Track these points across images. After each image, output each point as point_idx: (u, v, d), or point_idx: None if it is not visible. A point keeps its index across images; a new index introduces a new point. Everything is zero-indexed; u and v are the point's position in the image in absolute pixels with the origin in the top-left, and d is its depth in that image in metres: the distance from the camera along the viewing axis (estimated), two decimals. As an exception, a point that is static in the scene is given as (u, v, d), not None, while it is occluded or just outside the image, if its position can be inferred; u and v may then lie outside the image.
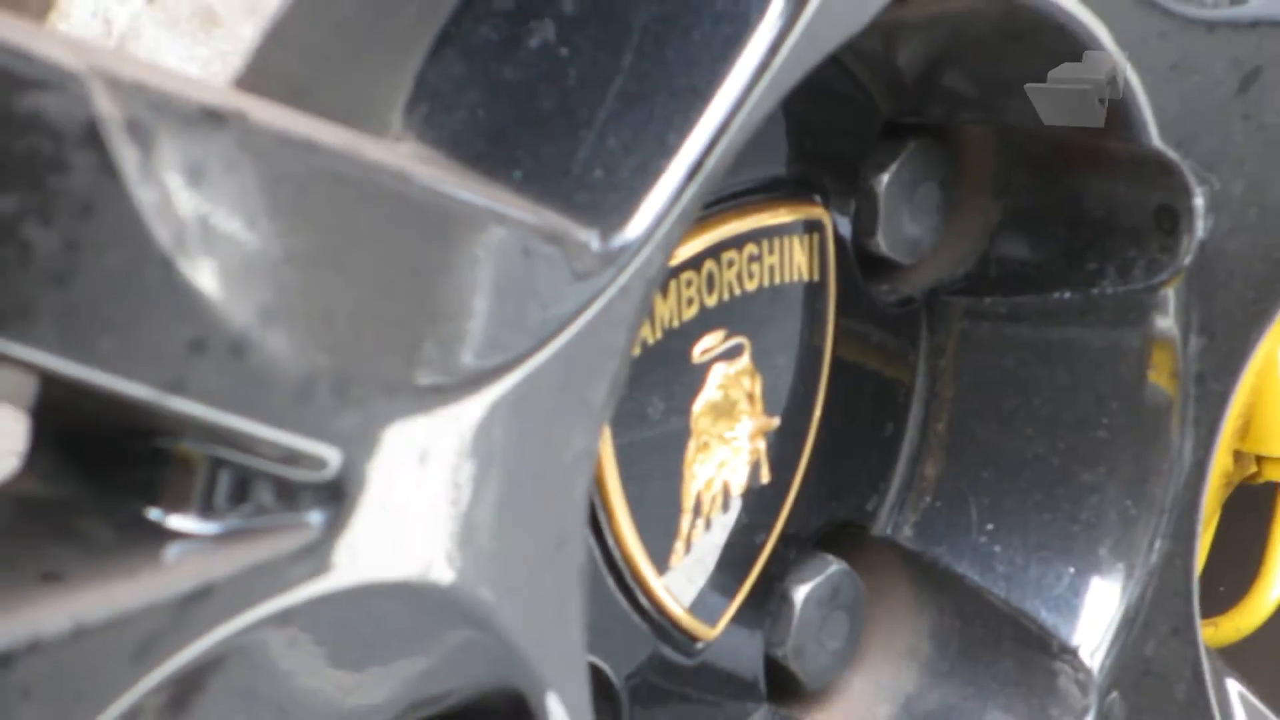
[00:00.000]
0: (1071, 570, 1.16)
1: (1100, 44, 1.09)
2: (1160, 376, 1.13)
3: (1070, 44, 1.09)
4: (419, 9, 1.04)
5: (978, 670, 1.18)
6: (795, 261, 1.14)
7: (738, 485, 1.14)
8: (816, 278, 1.15)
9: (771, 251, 1.13)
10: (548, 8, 1.03)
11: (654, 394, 1.11)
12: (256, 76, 1.05)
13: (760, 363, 1.14)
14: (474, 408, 0.97)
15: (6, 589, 0.91)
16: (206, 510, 0.93)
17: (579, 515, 1.02)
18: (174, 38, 1.04)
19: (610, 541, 1.11)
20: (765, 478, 1.15)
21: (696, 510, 1.13)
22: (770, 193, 1.13)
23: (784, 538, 1.17)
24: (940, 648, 1.18)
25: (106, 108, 0.87)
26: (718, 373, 1.12)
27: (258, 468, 0.93)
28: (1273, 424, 1.21)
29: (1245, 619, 1.24)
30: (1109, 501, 1.16)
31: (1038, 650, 1.17)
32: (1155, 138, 1.11)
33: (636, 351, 1.02)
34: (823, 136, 1.14)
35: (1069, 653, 1.16)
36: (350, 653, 0.97)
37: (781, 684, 1.18)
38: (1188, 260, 1.12)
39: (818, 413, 1.16)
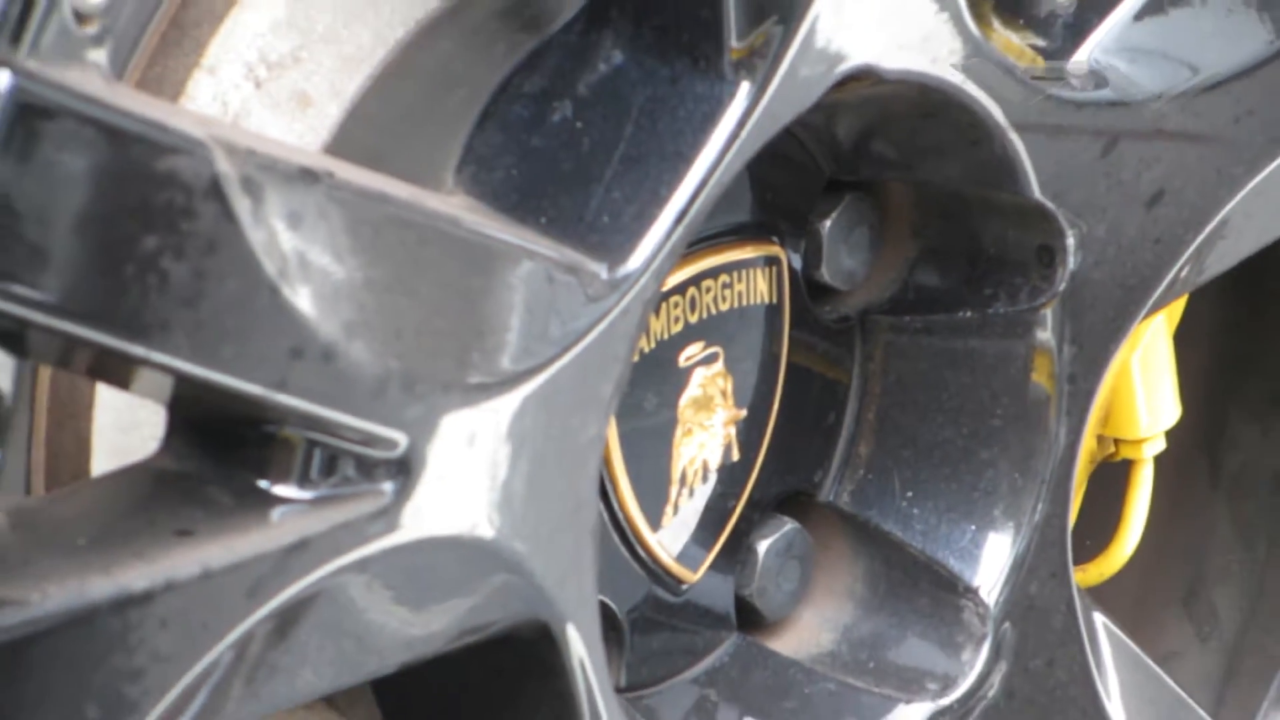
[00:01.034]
0: (973, 527, 1.15)
1: (994, 119, 1.09)
2: (1041, 377, 1.13)
3: (971, 119, 1.09)
4: (467, 93, 1.03)
5: (900, 605, 1.17)
6: (758, 288, 1.13)
7: (714, 462, 1.14)
8: (775, 301, 1.14)
9: (740, 280, 1.12)
10: (566, 90, 1.02)
11: (649, 391, 1.11)
12: (340, 145, 1.05)
13: (731, 367, 1.13)
14: (510, 401, 0.96)
15: (148, 542, 0.91)
16: (303, 481, 0.93)
17: (591, 486, 1.01)
18: (276, 116, 1.03)
19: (615, 506, 1.10)
20: (735, 456, 1.14)
21: (682, 481, 1.12)
22: (738, 235, 1.13)
23: (750, 503, 1.16)
24: (871, 588, 1.17)
25: (226, 168, 0.87)
26: (698, 375, 1.12)
27: (343, 448, 0.93)
28: (1127, 414, 1.21)
29: (1106, 566, 1.23)
30: (1001, 474, 1.15)
31: (947, 590, 1.16)
32: (1036, 191, 1.10)
33: (635, 358, 1.02)
34: (779, 191, 1.13)
35: (971, 592, 1.15)
36: (413, 592, 0.96)
37: (748, 616, 1.17)
38: (1062, 287, 1.11)
39: (776, 405, 1.16)
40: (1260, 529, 1.38)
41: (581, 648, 1.01)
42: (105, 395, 1.03)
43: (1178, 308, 1.20)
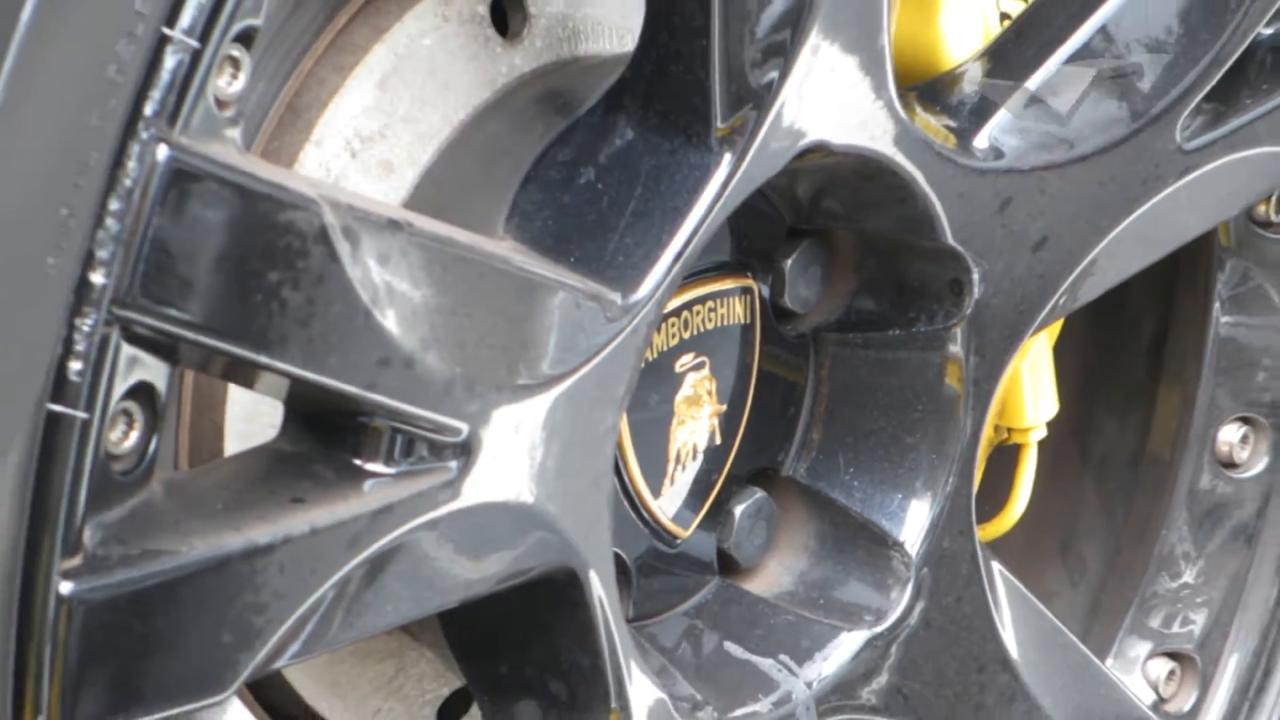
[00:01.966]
0: (900, 495, 1.15)
1: (918, 183, 1.08)
2: (952, 380, 1.12)
3: (900, 182, 1.08)
4: (513, 162, 1.03)
5: (844, 556, 1.16)
6: (736, 311, 1.13)
7: (701, 445, 1.13)
8: (748, 321, 1.14)
9: (722, 305, 1.12)
10: (589, 160, 1.02)
11: (652, 391, 1.10)
12: (416, 201, 1.05)
13: (715, 372, 1.13)
14: (547, 398, 0.96)
15: (269, 507, 0.90)
16: (388, 459, 0.93)
17: (608, 463, 1.01)
18: (367, 179, 1.03)
19: (625, 478, 1.10)
20: (718, 440, 1.14)
21: (677, 460, 1.12)
22: (721, 270, 1.12)
23: (729, 477, 1.16)
24: (821, 542, 1.17)
25: (331, 219, 0.86)
26: (690, 378, 1.11)
27: (418, 434, 0.92)
28: (1017, 409, 1.20)
29: (1001, 525, 1.23)
30: (922, 455, 1.15)
31: (879, 544, 1.16)
32: (949, 238, 1.10)
33: (642, 365, 1.01)
34: (752, 237, 1.13)
35: (898, 545, 1.14)
36: (471, 546, 0.96)
37: (726, 564, 1.17)
38: (969, 311, 1.11)
39: (749, 402, 1.15)
40: (1118, 499, 1.37)
41: (600, 588, 1.01)
42: (235, 393, 1.03)
43: (1057, 326, 1.20)
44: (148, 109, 0.79)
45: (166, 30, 0.79)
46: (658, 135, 1.01)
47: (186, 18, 0.80)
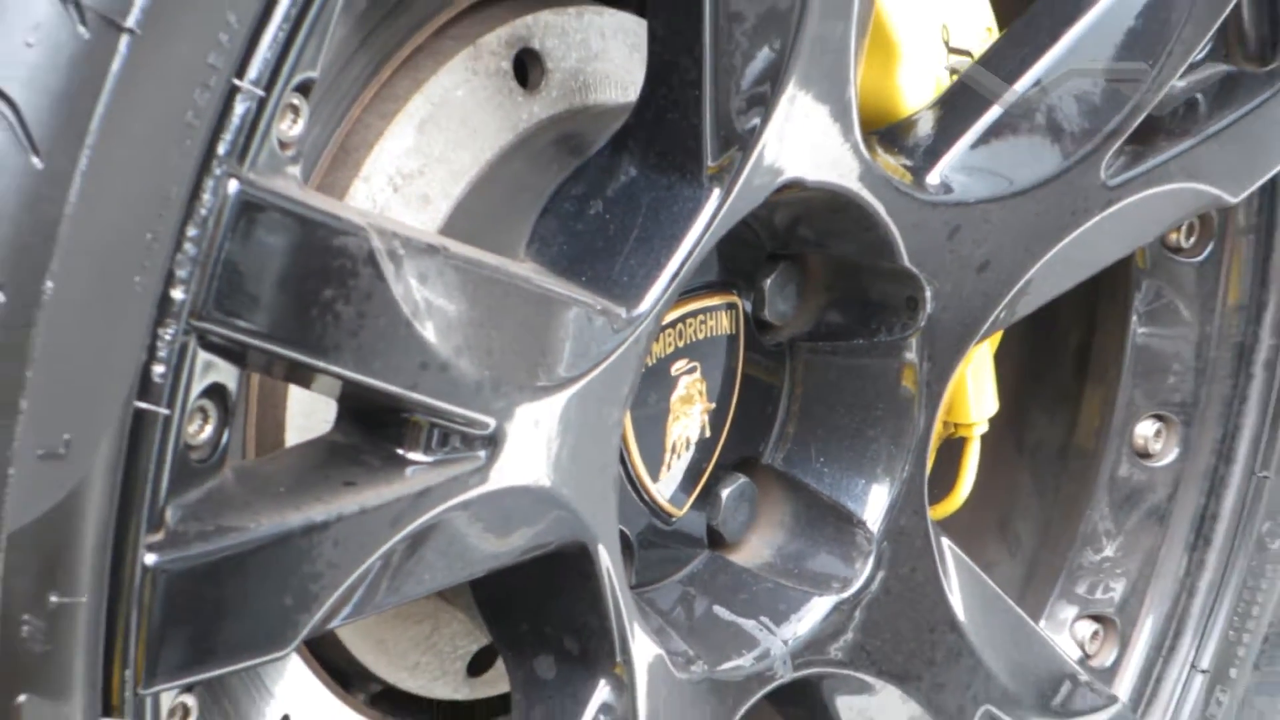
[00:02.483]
0: (863, 480, 1.14)
1: (880, 214, 1.08)
2: (908, 382, 1.12)
3: (864, 214, 1.08)
4: (533, 195, 1.03)
5: (815, 532, 1.16)
6: (723, 324, 1.13)
7: (693, 438, 1.13)
8: (734, 332, 1.13)
9: (711, 318, 1.12)
10: (598, 194, 1.02)
11: (652, 391, 1.10)
12: (450, 229, 1.05)
13: (705, 375, 1.13)
14: (562, 397, 0.96)
15: (325, 490, 0.90)
16: (426, 449, 0.92)
17: (614, 453, 1.00)
18: (408, 210, 1.03)
19: (629, 466, 1.10)
20: (707, 434, 1.14)
21: (673, 450, 1.12)
22: (710, 289, 1.12)
23: (717, 465, 1.15)
24: (796, 521, 1.17)
25: (378, 244, 0.86)
26: (684, 380, 1.11)
27: (453, 427, 0.92)
28: (963, 407, 1.20)
29: (949, 506, 1.23)
30: (882, 447, 1.15)
31: (846, 522, 1.15)
32: (906, 261, 1.10)
33: (643, 369, 1.01)
34: (737, 260, 1.12)
35: (862, 523, 1.14)
36: (497, 523, 0.95)
37: (715, 539, 1.16)
38: (922, 324, 1.11)
39: (734, 401, 1.15)
40: (1048, 484, 1.37)
41: (607, 559, 1.01)
42: (295, 392, 1.03)
43: (997, 336, 1.20)
44: (220, 149, 0.79)
45: (236, 81, 0.79)
46: (657, 173, 1.01)
47: (254, 70, 0.80)
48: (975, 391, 1.21)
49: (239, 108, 0.79)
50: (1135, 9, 1.17)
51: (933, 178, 1.11)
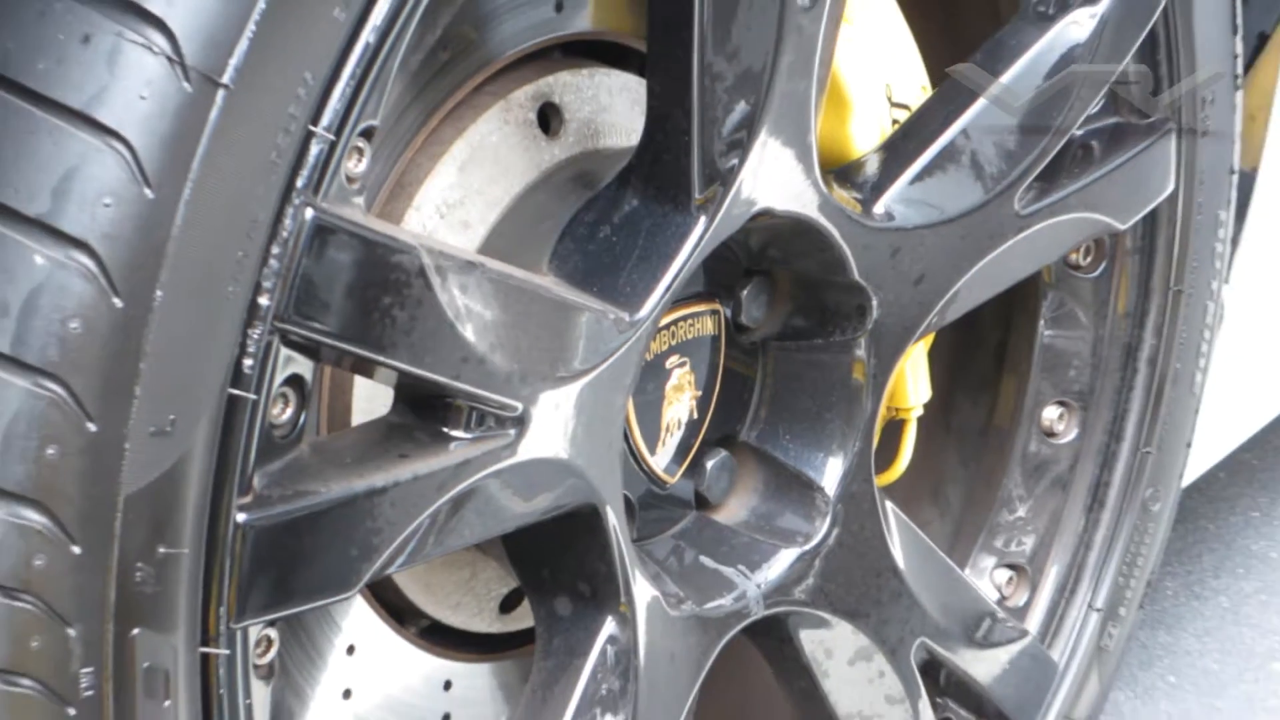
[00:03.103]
0: (822, 454, 1.14)
1: (835, 238, 1.08)
2: (858, 374, 1.12)
3: (823, 237, 1.08)
4: (554, 221, 1.03)
5: (782, 496, 1.16)
6: (708, 326, 1.12)
7: (684, 419, 1.13)
8: (717, 333, 1.13)
9: (698, 322, 1.12)
10: (607, 220, 1.01)
11: (649, 381, 1.09)
12: (486, 249, 1.04)
13: (694, 369, 1.12)
14: (577, 386, 0.95)
15: (383, 460, 0.89)
16: (466, 428, 0.92)
17: (619, 431, 1.00)
18: (451, 233, 1.03)
19: (630, 442, 1.09)
20: (695, 416, 1.13)
21: (667, 430, 1.12)
22: (697, 298, 1.11)
23: (703, 441, 1.15)
24: (768, 486, 1.16)
25: (427, 261, 0.86)
26: (676, 372, 1.11)
27: (488, 410, 0.92)
28: (903, 394, 1.20)
29: (891, 475, 1.22)
30: (836, 428, 1.14)
31: (807, 488, 1.15)
32: (857, 276, 1.09)
33: (643, 363, 1.01)
34: (719, 274, 1.12)
35: (820, 489, 1.14)
36: (523, 489, 0.95)
37: (701, 502, 1.16)
38: (870, 326, 1.10)
39: (717, 389, 1.15)
40: (972, 457, 1.37)
41: (613, 518, 1.00)
42: (360, 381, 1.02)
43: (931, 337, 1.20)
44: (299, 182, 0.79)
45: (312, 127, 0.79)
46: (654, 203, 1.00)
47: (326, 119, 0.79)
48: (913, 381, 1.20)
49: (314, 149, 0.79)
50: (1042, 73, 1.17)
51: (878, 208, 1.11)
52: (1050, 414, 1.33)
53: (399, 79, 0.94)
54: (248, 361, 0.79)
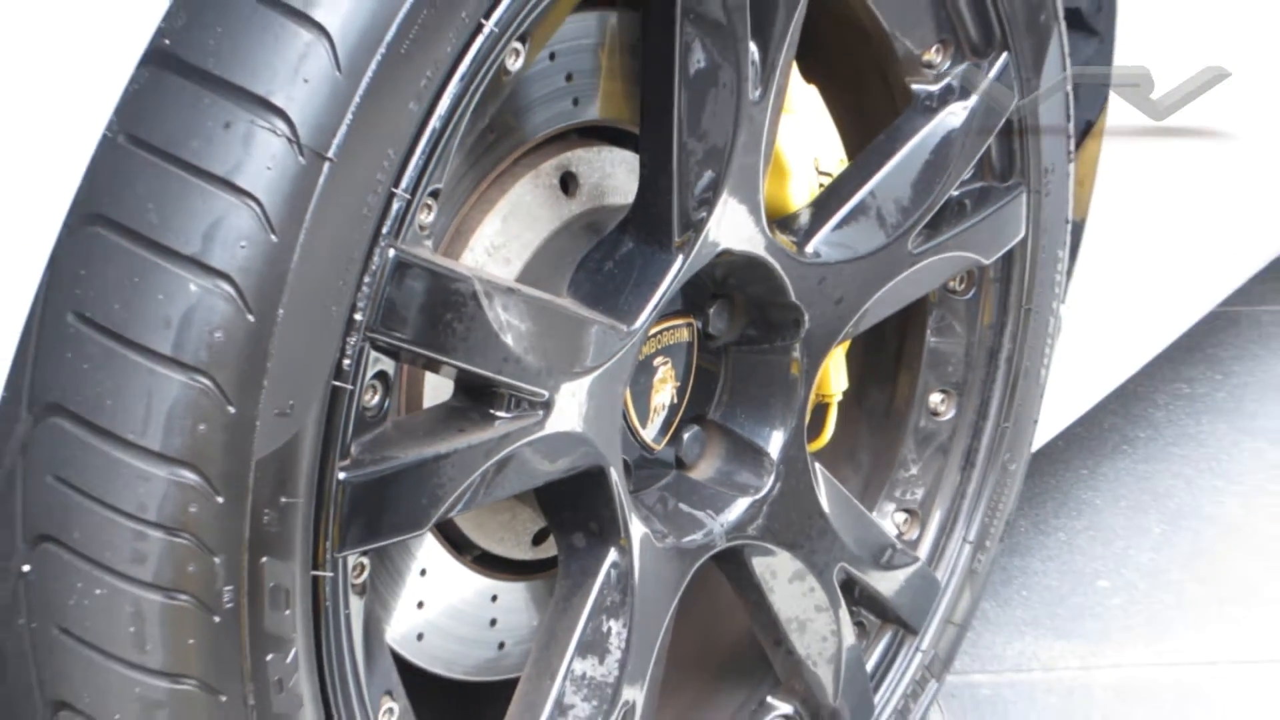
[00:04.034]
0: (769, 429, 1.14)
1: (778, 271, 1.07)
2: (795, 370, 1.11)
3: (769, 270, 1.07)
4: (572, 258, 1.02)
5: (739, 459, 1.14)
6: (684, 335, 1.11)
7: (667, 403, 1.12)
8: (691, 340, 1.12)
9: (678, 332, 1.11)
10: (610, 257, 1.00)
11: (642, 375, 1.08)
12: (523, 278, 1.02)
13: (674, 366, 1.11)
14: (588, 379, 0.94)
15: (445, 434, 0.88)
16: (507, 410, 0.91)
17: (619, 412, 0.99)
18: (496, 266, 1.02)
19: (628, 420, 1.08)
20: (675, 401, 1.12)
21: (654, 411, 1.11)
22: (677, 314, 1.10)
23: (681, 419, 1.14)
24: (728, 452, 1.15)
25: (479, 288, 0.85)
26: (661, 369, 1.10)
27: (523, 396, 0.91)
28: (826, 384, 1.19)
29: (819, 444, 1.22)
30: (778, 409, 1.13)
31: (758, 454, 1.14)
32: (793, 298, 1.08)
33: (636, 362, 1.00)
34: (693, 297, 1.11)
35: (768, 454, 1.14)
36: (548, 454, 0.93)
37: (680, 464, 1.15)
38: (803, 335, 1.09)
39: (691, 381, 1.14)
40: (879, 430, 1.36)
41: (616, 476, 0.99)
42: (429, 376, 1.01)
43: (848, 342, 1.19)
44: (383, 230, 0.79)
45: (393, 189, 0.78)
46: (645, 245, 0.99)
47: (404, 182, 0.79)
48: (834, 375, 1.20)
49: (395, 205, 0.79)
50: (928, 150, 1.16)
51: (809, 248, 1.10)
52: (935, 399, 1.32)
53: (457, 154, 0.94)
54: (346, 361, 0.79)
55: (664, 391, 1.11)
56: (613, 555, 1.02)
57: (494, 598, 1.13)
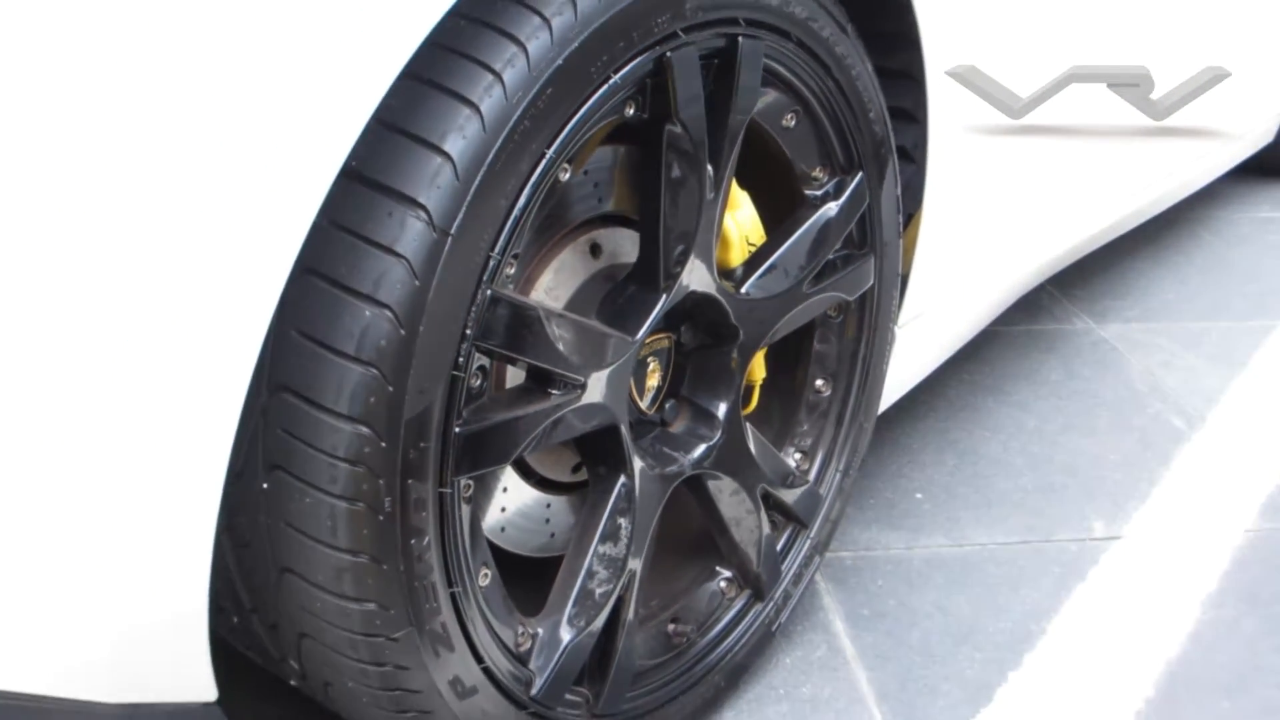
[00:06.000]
0: (718, 401, 1.13)
1: (724, 306, 1.07)
2: (734, 366, 1.11)
3: (717, 306, 1.07)
4: (596, 297, 1.01)
5: (700, 420, 1.14)
6: (666, 344, 1.11)
7: (655, 386, 1.11)
8: (670, 347, 1.11)
9: (661, 342, 1.10)
10: (621, 295, 1.00)
11: (640, 369, 1.08)
12: (568, 308, 1.02)
13: (660, 364, 1.10)
14: (608, 370, 0.94)
15: (521, 403, 0.87)
16: (559, 389, 0.90)
17: (626, 392, 0.98)
18: (552, 301, 1.01)
19: (632, 397, 1.08)
20: (660, 384, 1.12)
21: (648, 391, 1.10)
22: (662, 330, 1.09)
23: (664, 396, 1.13)
24: (693, 416, 1.14)
25: (541, 313, 0.83)
26: (650, 365, 1.09)
27: (566, 380, 0.90)
28: (753, 373, 1.18)
29: (748, 410, 1.21)
30: (723, 390, 1.13)
31: (712, 417, 1.13)
32: (733, 320, 1.08)
33: (636, 360, 1.00)
34: (671, 320, 1.10)
35: (717, 416, 1.13)
36: (582, 418, 0.92)
37: (663, 423, 1.14)
38: (739, 343, 1.09)
39: (670, 373, 1.13)
40: (786, 402, 1.34)
41: (625, 430, 0.99)
42: (511, 369, 0.99)
43: (765, 349, 1.19)
44: (484, 278, 0.79)
45: (490, 253, 0.79)
46: (643, 289, 0.99)
47: (497, 249, 0.79)
48: (757, 367, 1.20)
49: (491, 263, 0.79)
50: (815, 231, 1.17)
51: (744, 290, 1.11)
52: (819, 382, 1.33)
53: (529, 231, 0.95)
54: (460, 359, 0.79)
55: (654, 378, 1.11)
56: (622, 479, 1.02)
57: (548, 505, 1.13)
